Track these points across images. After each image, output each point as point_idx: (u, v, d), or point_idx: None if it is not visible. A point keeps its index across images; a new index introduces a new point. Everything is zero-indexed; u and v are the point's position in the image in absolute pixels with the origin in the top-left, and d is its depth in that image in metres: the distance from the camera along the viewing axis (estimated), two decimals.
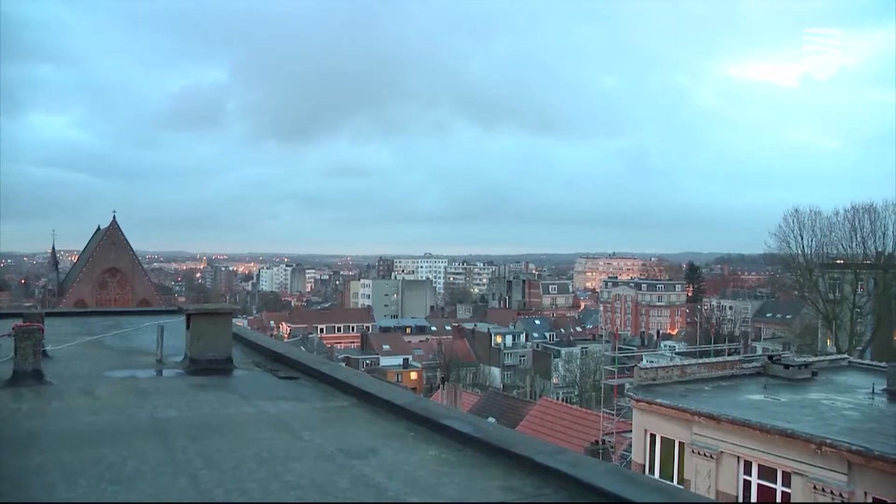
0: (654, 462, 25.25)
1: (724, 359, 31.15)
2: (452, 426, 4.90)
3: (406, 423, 6.21)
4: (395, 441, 5.91)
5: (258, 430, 7.09)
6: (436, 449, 5.23)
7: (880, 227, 73.09)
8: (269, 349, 12.10)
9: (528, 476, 3.85)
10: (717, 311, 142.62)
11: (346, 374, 8.35)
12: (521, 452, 3.70)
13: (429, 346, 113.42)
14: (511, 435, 3.81)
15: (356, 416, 7.18)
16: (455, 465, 4.75)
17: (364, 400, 7.55)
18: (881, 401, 25.16)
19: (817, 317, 79.25)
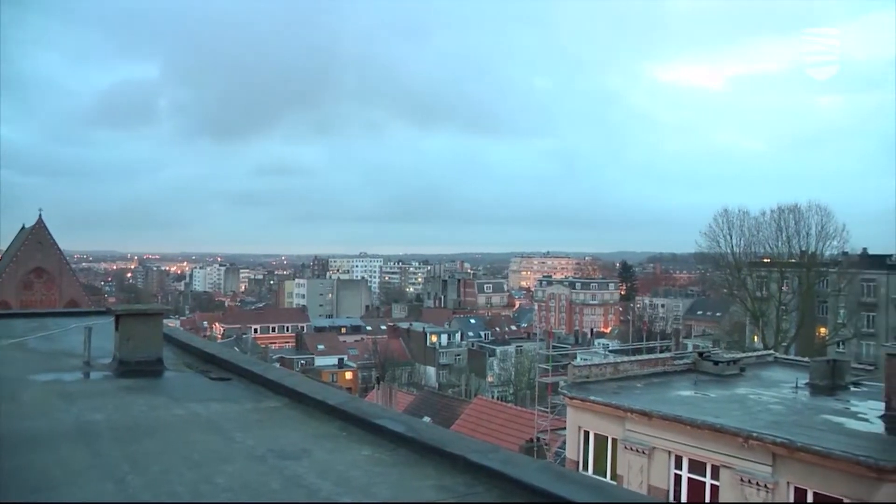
0: (587, 458, 25.53)
1: (656, 356, 31.67)
2: (385, 426, 4.89)
3: (339, 423, 6.18)
4: (327, 441, 5.88)
5: (189, 432, 6.98)
6: (369, 449, 5.22)
7: (804, 226, 75.27)
8: (200, 350, 11.92)
9: (461, 475, 3.87)
10: (650, 310, 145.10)
11: (278, 374, 8.27)
12: (453, 451, 3.72)
13: (364, 345, 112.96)
14: (444, 434, 3.83)
15: (288, 417, 7.12)
16: (388, 464, 4.75)
17: (297, 400, 7.49)
18: (804, 394, 25.89)
19: (745, 314, 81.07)
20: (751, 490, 20.08)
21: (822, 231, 75.05)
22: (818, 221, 74.92)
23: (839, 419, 22.07)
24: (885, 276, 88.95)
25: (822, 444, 18.81)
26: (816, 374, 27.22)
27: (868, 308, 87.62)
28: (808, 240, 75.61)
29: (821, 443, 18.95)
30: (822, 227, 74.97)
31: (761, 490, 19.88)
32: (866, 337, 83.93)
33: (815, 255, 76.33)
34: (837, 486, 18.55)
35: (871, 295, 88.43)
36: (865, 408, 23.31)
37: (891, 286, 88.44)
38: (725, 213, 77.49)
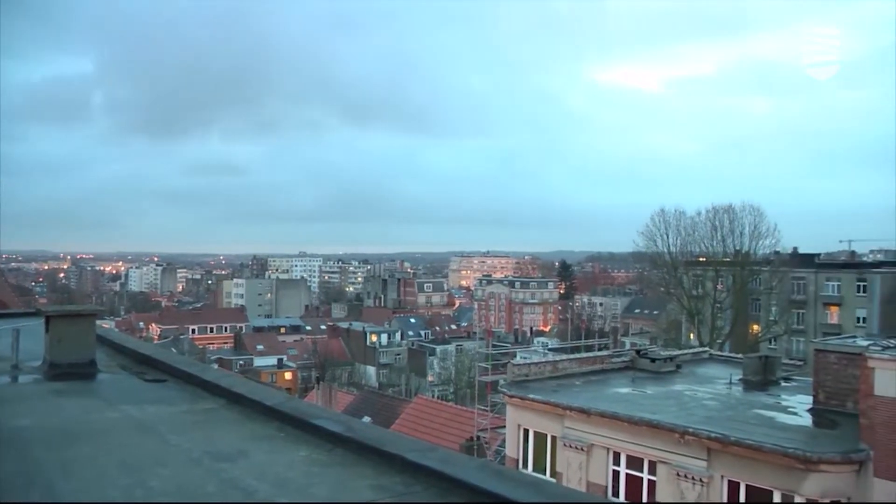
0: (527, 456, 25.68)
1: (595, 354, 32.03)
2: (323, 426, 4.85)
3: (276, 424, 6.11)
4: (264, 442, 5.81)
5: (122, 435, 6.83)
6: (306, 449, 5.17)
7: (738, 226, 76.80)
8: (135, 351, 11.67)
9: (399, 474, 3.85)
10: (588, 308, 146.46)
11: (215, 375, 8.14)
12: (391, 451, 3.70)
13: (304, 345, 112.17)
14: (382, 433, 3.81)
15: (225, 419, 7.02)
16: (326, 465, 4.71)
17: (233, 401, 7.38)
18: (737, 390, 26.43)
19: (682, 312, 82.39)
20: (686, 484, 20.43)
21: (754, 231, 76.76)
22: (751, 221, 76.62)
23: (770, 413, 22.60)
24: (814, 274, 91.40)
25: (754, 438, 19.24)
26: (749, 370, 27.83)
27: (798, 306, 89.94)
28: (742, 239, 77.23)
29: (753, 437, 19.38)
30: (754, 226, 76.68)
31: (696, 484, 20.24)
32: (796, 333, 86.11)
33: (748, 254, 77.93)
34: (768, 478, 19.00)
35: (800, 293, 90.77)
36: (795, 402, 23.90)
37: (819, 284, 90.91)
38: (662, 212, 78.74)
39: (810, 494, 18.40)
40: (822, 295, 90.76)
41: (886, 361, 18.48)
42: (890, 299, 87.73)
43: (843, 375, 21.29)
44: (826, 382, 22.12)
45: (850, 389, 20.57)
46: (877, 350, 18.86)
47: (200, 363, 13.00)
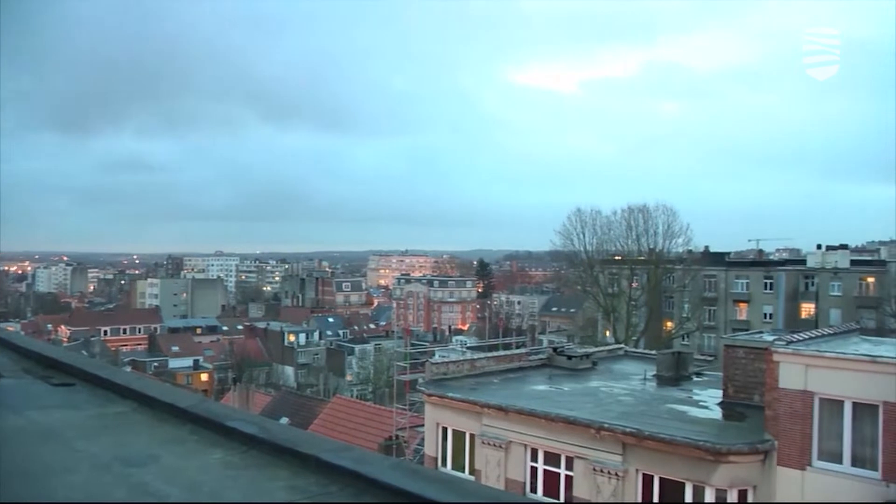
0: (446, 454, 25.75)
1: (512, 352, 32.26)
2: (237, 428, 4.74)
3: (189, 427, 5.96)
4: (177, 446, 5.66)
5: (27, 442, 6.57)
6: (220, 452, 5.05)
7: (652, 225, 78.34)
8: (41, 354, 11.24)
9: (314, 475, 3.80)
10: (506, 306, 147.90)
11: (126, 377, 7.88)
12: (306, 451, 3.65)
13: (220, 346, 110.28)
14: (297, 434, 3.76)
15: (136, 422, 6.82)
16: (240, 467, 4.61)
17: (145, 404, 7.18)
18: (651, 385, 26.99)
19: (598, 310, 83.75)
20: (602, 478, 20.78)
21: (668, 230, 78.46)
22: (665, 221, 78.30)
23: (683, 407, 23.16)
24: (724, 272, 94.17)
25: (667, 432, 19.70)
26: (662, 366, 28.45)
27: (709, 303, 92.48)
28: (656, 238, 78.86)
29: (666, 431, 19.84)
30: (668, 226, 78.37)
31: (612, 478, 20.60)
32: (708, 330, 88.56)
33: (662, 252, 79.61)
34: (681, 470, 19.48)
35: (711, 290, 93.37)
36: (706, 396, 24.54)
37: (729, 282, 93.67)
38: (579, 212, 79.84)
39: (720, 485, 18.95)
40: (731, 292, 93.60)
41: (790, 356, 19.14)
42: (793, 296, 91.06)
43: (751, 370, 21.97)
44: (735, 377, 22.79)
45: (757, 383, 21.23)
46: (781, 345, 19.50)
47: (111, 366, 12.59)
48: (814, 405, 18.70)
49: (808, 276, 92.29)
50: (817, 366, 18.87)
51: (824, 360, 18.87)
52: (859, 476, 18.10)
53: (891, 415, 17.59)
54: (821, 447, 18.70)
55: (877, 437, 17.87)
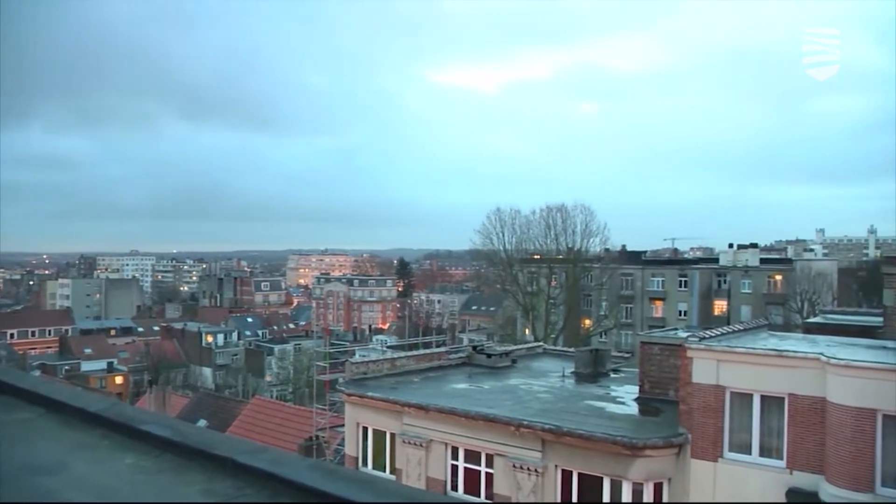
0: (366, 454, 25.67)
1: (433, 350, 32.30)
2: (151, 431, 4.65)
3: (100, 432, 5.82)
4: (87, 452, 5.53)
5: None
6: (132, 457, 4.96)
7: (570, 225, 79.32)
8: None
9: (230, 478, 3.75)
10: (427, 305, 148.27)
11: (32, 382, 7.67)
12: (221, 454, 3.59)
13: (136, 347, 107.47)
14: (212, 436, 3.70)
15: (44, 429, 6.64)
16: (153, 472, 4.53)
17: (53, 409, 6.98)
18: (570, 382, 27.36)
19: (517, 308, 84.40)
20: (522, 475, 20.99)
21: (586, 229, 79.58)
22: (582, 220, 79.41)
23: (600, 404, 23.54)
24: (641, 270, 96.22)
25: (585, 428, 20.01)
26: (581, 363, 28.87)
27: (626, 300, 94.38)
28: (574, 237, 79.91)
29: (584, 427, 20.16)
30: (586, 225, 79.49)
31: (532, 475, 20.82)
32: (625, 327, 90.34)
33: (580, 251, 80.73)
34: (599, 465, 19.82)
35: (628, 288, 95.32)
36: (623, 392, 24.98)
37: (645, 280, 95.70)
38: (498, 211, 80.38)
39: (636, 478, 19.34)
40: (647, 290, 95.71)
41: (703, 351, 19.66)
42: (707, 293, 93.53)
43: (666, 365, 22.48)
44: (650, 372, 23.29)
45: (671, 378, 21.74)
46: (694, 341, 20.02)
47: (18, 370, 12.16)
48: (725, 399, 19.25)
49: (720, 275, 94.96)
50: (728, 361, 19.42)
51: (735, 356, 19.44)
52: (766, 466, 18.71)
53: (795, 406, 18.23)
54: (732, 439, 19.27)
55: (783, 428, 18.50)
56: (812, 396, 17.92)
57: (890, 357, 18.04)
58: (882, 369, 17.11)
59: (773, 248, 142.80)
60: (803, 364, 18.24)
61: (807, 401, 18.03)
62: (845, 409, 17.14)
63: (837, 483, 17.18)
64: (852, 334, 22.67)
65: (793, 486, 18.07)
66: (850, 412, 17.04)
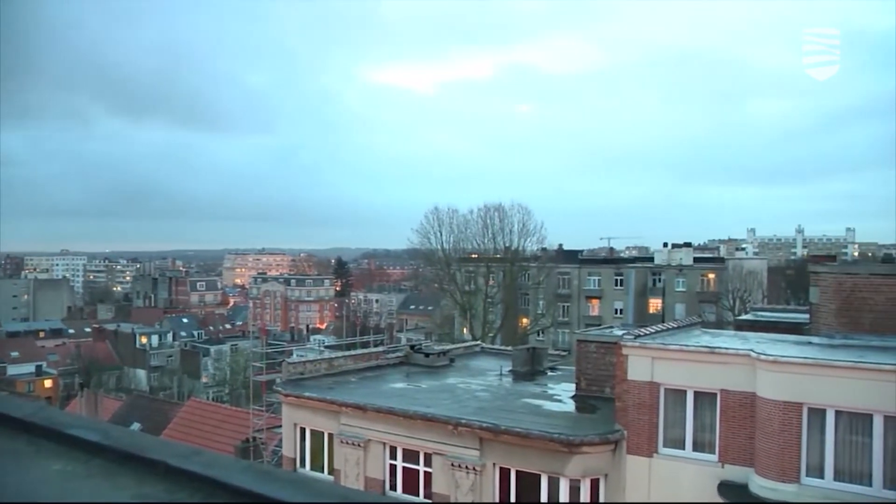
0: (304, 455, 25.51)
1: (370, 350, 32.21)
2: (79, 435, 4.57)
3: (26, 438, 5.68)
4: (12, 459, 5.39)
5: None
6: (60, 463, 4.85)
7: (508, 224, 79.65)
8: None
9: (162, 482, 3.70)
10: (364, 305, 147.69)
11: None
12: (153, 457, 3.54)
13: (66, 350, 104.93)
14: (144, 440, 3.64)
15: None
16: (82, 477, 4.44)
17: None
18: (508, 381, 27.55)
19: (455, 307, 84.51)
20: (461, 473, 21.06)
21: (523, 228, 79.98)
22: (520, 219, 79.81)
23: (538, 402, 23.74)
24: (577, 269, 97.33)
25: (523, 426, 20.17)
26: (518, 362, 29.08)
27: (563, 299, 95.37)
28: (511, 236, 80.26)
29: (521, 425, 20.31)
30: (523, 224, 79.89)
31: (470, 473, 20.91)
32: (562, 325, 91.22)
33: (517, 250, 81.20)
34: (536, 462, 19.99)
35: (565, 287, 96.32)
36: (560, 390, 25.25)
37: (582, 279, 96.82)
38: (436, 210, 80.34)
39: (573, 475, 19.56)
40: (584, 289, 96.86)
41: (637, 349, 19.98)
42: (642, 292, 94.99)
43: (602, 363, 22.79)
44: (587, 370, 23.59)
45: (607, 376, 22.03)
46: (629, 339, 20.32)
47: None
48: (660, 395, 19.59)
49: (655, 273, 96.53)
50: (662, 358, 19.76)
51: (669, 353, 19.79)
52: (699, 460, 19.10)
53: (727, 402, 18.64)
54: (666, 435, 19.62)
55: (715, 423, 18.90)
56: (743, 392, 18.35)
57: (815, 352, 18.58)
58: (808, 364, 17.60)
59: (707, 248, 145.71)
60: (734, 360, 18.66)
61: (738, 396, 18.45)
62: (774, 404, 17.58)
63: (766, 475, 17.62)
64: (781, 331, 23.28)
65: (724, 479, 18.46)
66: (778, 406, 17.49)
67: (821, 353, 18.39)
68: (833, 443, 17.13)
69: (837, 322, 20.69)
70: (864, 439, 16.94)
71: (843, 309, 20.69)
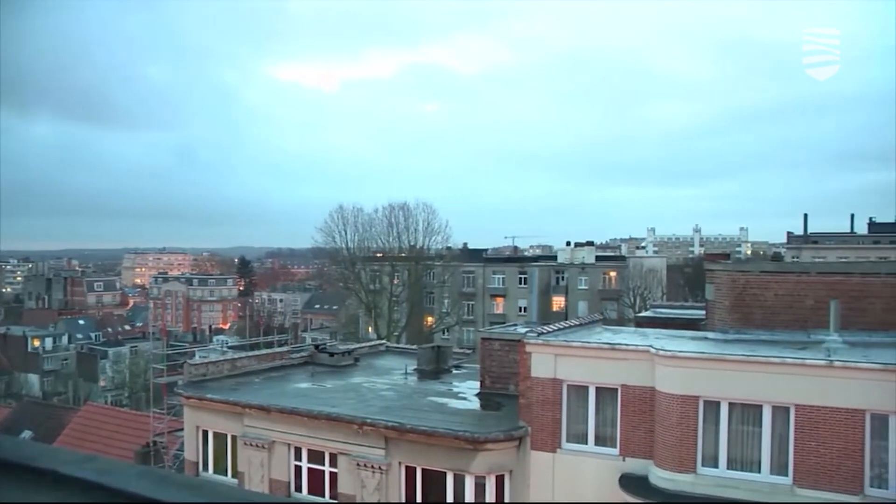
0: (207, 459, 25.04)
1: (274, 350, 31.86)
2: None
3: None
4: None
5: None
6: None
7: (412, 223, 79.91)
8: None
9: (52, 490, 3.58)
10: (269, 305, 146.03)
11: None
12: (43, 465, 3.42)
13: None
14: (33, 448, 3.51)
15: None
16: None
17: None
18: (413, 380, 27.61)
19: (360, 306, 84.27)
20: (366, 473, 21.01)
21: (428, 227, 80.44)
22: (424, 218, 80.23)
23: (443, 400, 23.86)
24: (482, 268, 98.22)
25: (428, 424, 20.26)
26: (423, 360, 29.18)
27: (468, 297, 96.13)
28: (416, 235, 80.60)
29: (427, 423, 20.40)
30: (428, 223, 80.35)
31: (376, 472, 20.88)
32: (467, 323, 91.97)
33: (422, 249, 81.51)
34: (442, 460, 20.09)
35: (470, 285, 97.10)
36: (465, 387, 25.42)
37: (486, 277, 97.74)
38: (341, 209, 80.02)
39: (478, 472, 19.74)
40: (489, 287, 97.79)
41: (541, 346, 20.27)
42: (546, 290, 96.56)
43: (506, 360, 23.02)
44: (491, 368, 23.80)
45: (511, 373, 22.28)
46: (533, 336, 20.60)
47: None
48: (562, 391, 19.92)
49: (558, 272, 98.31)
50: (565, 355, 20.10)
51: (571, 350, 20.15)
52: (601, 454, 19.51)
53: (628, 396, 19.10)
54: (569, 430, 19.96)
55: (616, 418, 19.34)
56: (642, 386, 18.82)
57: (710, 347, 19.23)
58: (703, 359, 18.22)
59: (609, 246, 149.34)
60: (634, 356, 19.13)
61: (638, 391, 18.92)
62: (672, 397, 18.10)
63: (664, 466, 18.14)
64: (679, 327, 23.96)
65: (625, 471, 18.91)
66: (676, 400, 18.01)
67: (715, 348, 19.03)
68: (726, 433, 17.75)
69: (731, 318, 21.41)
70: (754, 429, 17.62)
71: (736, 305, 21.43)
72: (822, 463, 16.70)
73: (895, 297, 19.96)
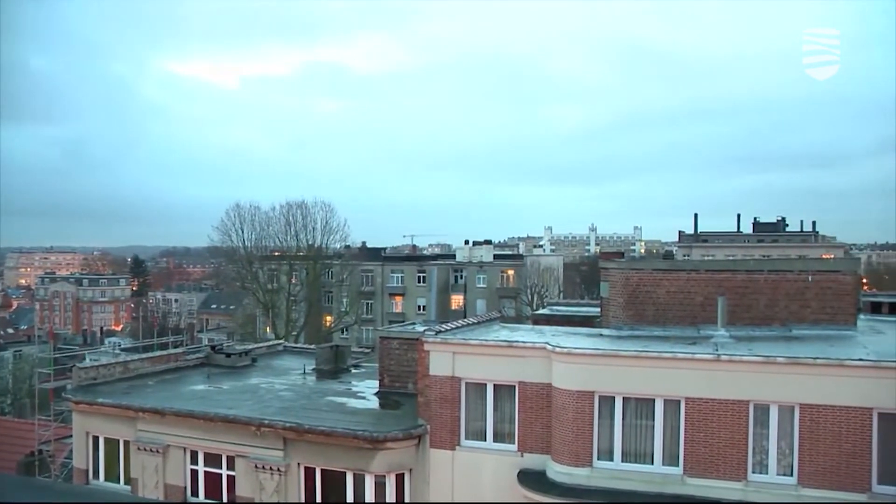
0: (98, 466, 24.30)
1: (169, 352, 31.14)
2: None
3: None
4: None
5: None
6: None
7: (311, 221, 79.30)
8: None
9: None
10: (163, 305, 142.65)
11: None
12: None
13: None
14: None
15: None
16: None
17: None
18: (311, 380, 27.43)
19: (258, 306, 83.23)
20: (265, 475, 20.77)
21: (326, 226, 79.90)
22: (323, 217, 79.68)
23: (342, 399, 23.80)
24: (381, 267, 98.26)
25: (327, 424, 20.18)
26: (322, 360, 29.04)
27: (367, 296, 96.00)
28: (315, 234, 79.96)
29: (326, 423, 20.31)
30: (326, 222, 79.82)
31: (275, 474, 20.67)
32: (366, 322, 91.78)
33: (320, 248, 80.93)
34: (341, 460, 20.05)
35: (369, 284, 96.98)
36: (364, 387, 25.43)
37: (385, 276, 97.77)
38: (237, 207, 78.69)
39: (378, 471, 19.77)
40: (388, 286, 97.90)
41: (439, 344, 20.41)
42: (444, 288, 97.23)
43: (405, 359, 23.12)
44: (390, 367, 23.86)
45: (410, 372, 22.37)
46: (431, 335, 20.73)
47: None
48: (461, 389, 20.10)
49: (457, 270, 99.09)
50: (463, 353, 20.29)
51: (469, 347, 20.35)
52: (500, 450, 19.77)
53: (525, 393, 19.42)
54: (468, 427, 20.16)
55: (514, 414, 19.64)
56: (539, 383, 19.17)
57: (605, 343, 19.73)
58: (598, 355, 18.69)
59: (507, 245, 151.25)
60: (531, 353, 19.47)
61: (535, 387, 19.25)
62: (568, 393, 18.50)
63: (561, 461, 18.53)
64: (575, 324, 24.52)
65: (524, 467, 19.22)
66: (572, 395, 18.41)
67: (610, 345, 19.54)
68: (621, 427, 18.26)
69: (625, 315, 22.03)
70: (647, 422, 18.19)
71: (630, 302, 22.05)
72: (710, 452, 17.39)
73: (777, 293, 20.91)
